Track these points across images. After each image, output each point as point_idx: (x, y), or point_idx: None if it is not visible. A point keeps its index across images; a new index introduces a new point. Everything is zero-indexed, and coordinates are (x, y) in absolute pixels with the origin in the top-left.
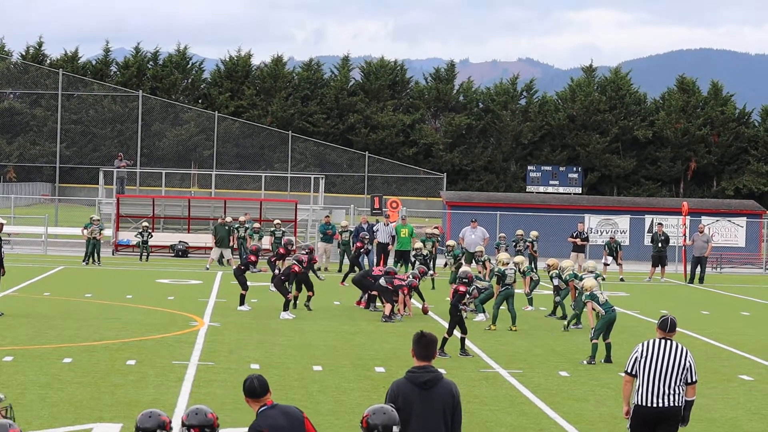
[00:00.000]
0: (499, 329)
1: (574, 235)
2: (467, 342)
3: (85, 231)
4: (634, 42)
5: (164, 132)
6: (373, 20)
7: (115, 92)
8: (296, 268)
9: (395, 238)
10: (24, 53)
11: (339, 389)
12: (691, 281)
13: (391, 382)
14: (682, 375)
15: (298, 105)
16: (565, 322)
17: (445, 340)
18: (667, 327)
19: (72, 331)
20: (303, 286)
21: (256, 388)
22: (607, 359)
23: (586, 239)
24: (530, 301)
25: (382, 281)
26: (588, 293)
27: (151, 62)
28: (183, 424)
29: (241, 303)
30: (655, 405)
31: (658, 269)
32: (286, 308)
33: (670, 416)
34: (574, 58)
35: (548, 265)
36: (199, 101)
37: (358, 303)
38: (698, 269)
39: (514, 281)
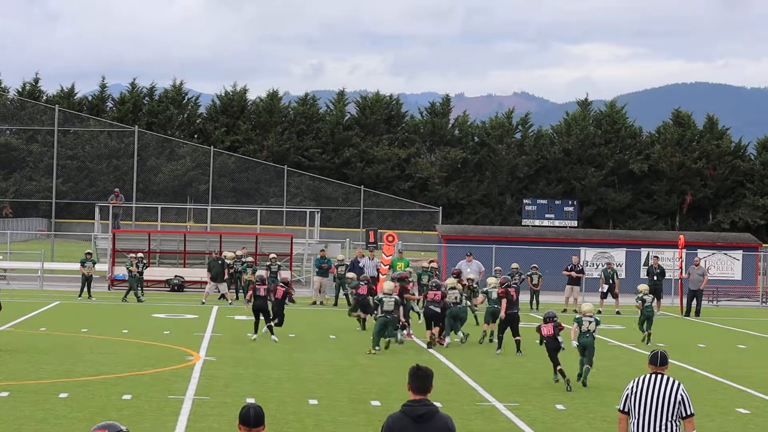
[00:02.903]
0: (493, 363)
1: (569, 268)
2: (458, 370)
3: (83, 267)
4: (630, 76)
5: (160, 167)
6: (372, 55)
7: (111, 128)
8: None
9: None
10: (20, 89)
11: (335, 423)
12: (688, 314)
13: (386, 415)
14: (675, 410)
15: (293, 139)
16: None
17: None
18: (658, 361)
19: (68, 366)
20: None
21: (250, 418)
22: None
23: (581, 272)
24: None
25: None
26: (579, 317)
27: (147, 98)
28: None
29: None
30: None
31: (654, 302)
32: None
33: None
34: (570, 92)
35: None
36: (195, 136)
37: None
38: (694, 302)
39: (460, 302)
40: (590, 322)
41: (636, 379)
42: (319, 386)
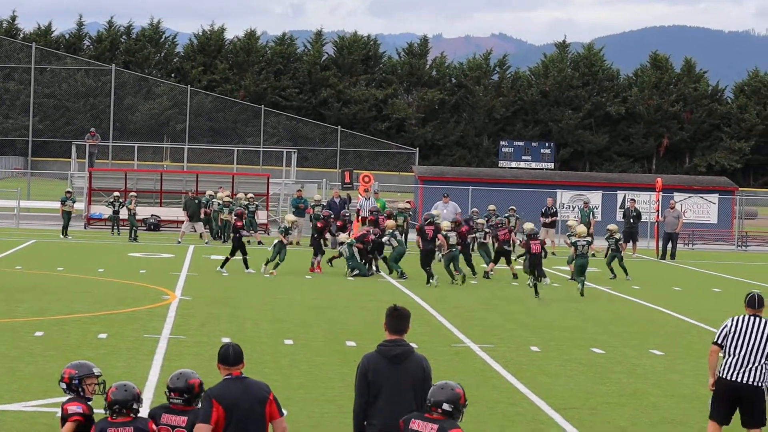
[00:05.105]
0: (469, 305)
1: (544, 211)
2: (434, 311)
3: (63, 206)
4: (611, 18)
5: (137, 106)
6: None
7: (88, 66)
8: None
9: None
10: None
11: (310, 363)
12: (663, 257)
13: (362, 355)
14: (766, 350)
15: (270, 79)
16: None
17: None
18: (756, 303)
19: (43, 304)
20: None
21: (229, 356)
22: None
23: (555, 214)
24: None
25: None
26: (574, 240)
27: (124, 36)
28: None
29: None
30: (735, 379)
31: (630, 245)
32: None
33: (747, 393)
34: (548, 34)
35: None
36: (172, 75)
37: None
38: (670, 245)
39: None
40: (583, 246)
41: (734, 318)
42: (295, 326)
